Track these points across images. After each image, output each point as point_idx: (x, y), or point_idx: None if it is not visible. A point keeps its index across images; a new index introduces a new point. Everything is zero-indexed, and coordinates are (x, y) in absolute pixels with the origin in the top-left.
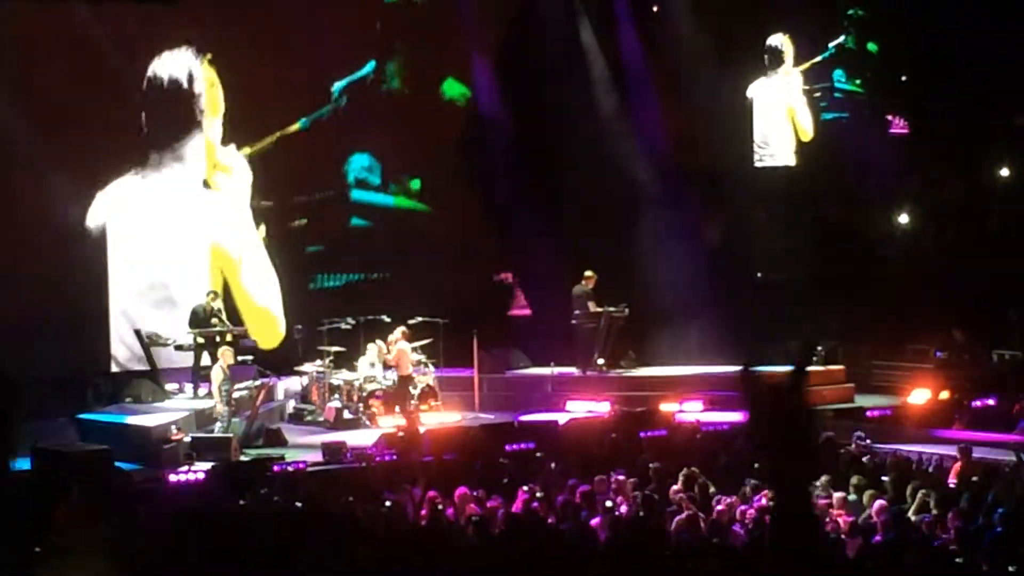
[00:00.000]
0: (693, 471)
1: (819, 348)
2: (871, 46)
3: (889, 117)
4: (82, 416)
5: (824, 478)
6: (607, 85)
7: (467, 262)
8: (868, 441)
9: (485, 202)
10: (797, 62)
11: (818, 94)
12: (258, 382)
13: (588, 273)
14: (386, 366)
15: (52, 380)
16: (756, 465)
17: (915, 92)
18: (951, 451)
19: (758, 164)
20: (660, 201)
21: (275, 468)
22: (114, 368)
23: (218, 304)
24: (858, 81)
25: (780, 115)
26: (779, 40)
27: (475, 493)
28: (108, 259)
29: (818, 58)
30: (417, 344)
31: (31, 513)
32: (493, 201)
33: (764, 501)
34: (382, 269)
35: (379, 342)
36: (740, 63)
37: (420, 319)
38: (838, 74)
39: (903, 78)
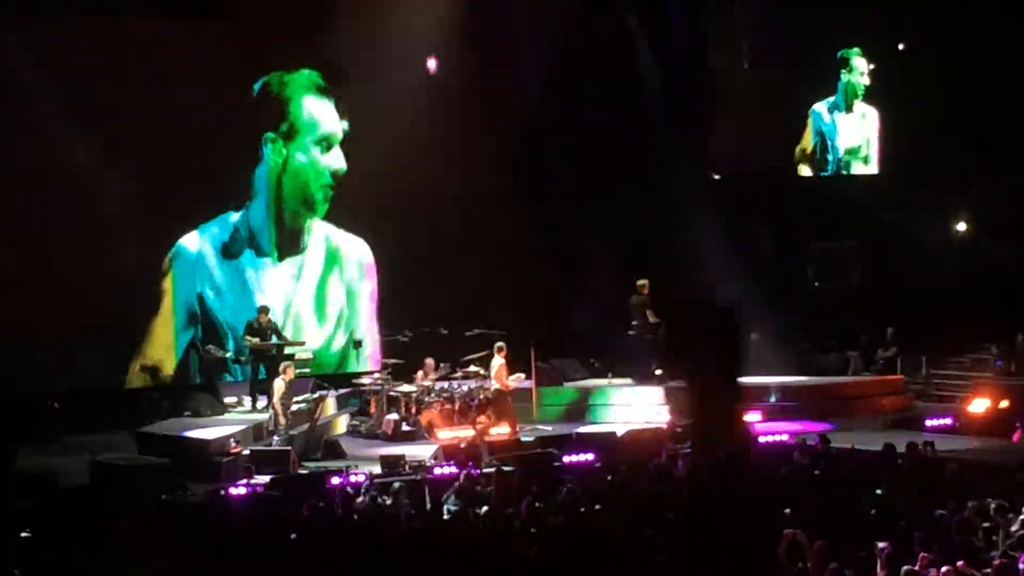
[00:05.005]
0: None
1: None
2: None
3: None
4: (141, 430)
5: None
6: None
7: (521, 274)
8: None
9: (539, 213)
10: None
11: None
12: (316, 395)
13: (641, 282)
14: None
15: (111, 392)
16: None
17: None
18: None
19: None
20: (715, 210)
21: (334, 480)
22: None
23: (272, 318)
24: None
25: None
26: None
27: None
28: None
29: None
30: (473, 356)
31: (89, 526)
32: (547, 212)
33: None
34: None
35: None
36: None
37: (477, 331)
38: None
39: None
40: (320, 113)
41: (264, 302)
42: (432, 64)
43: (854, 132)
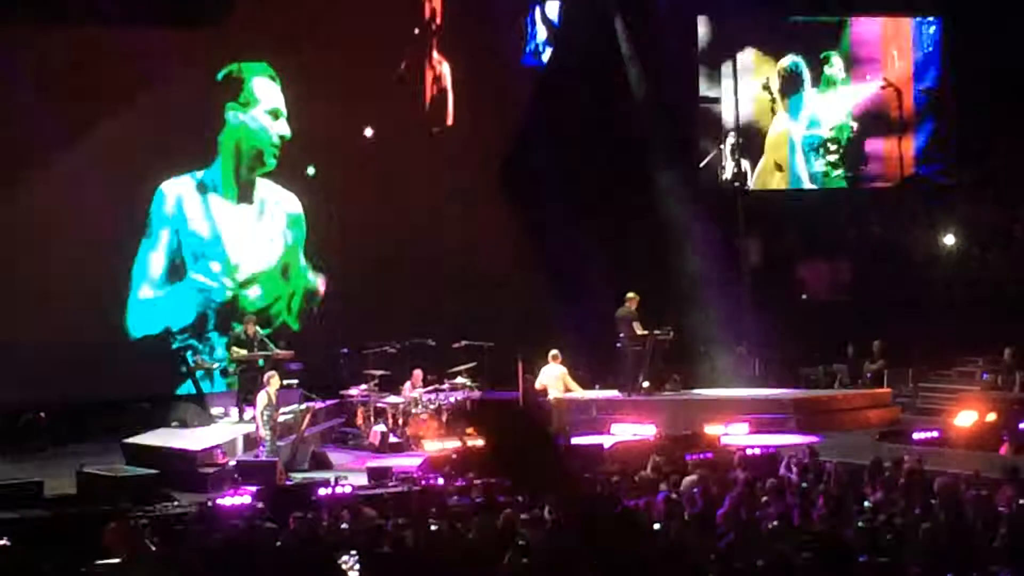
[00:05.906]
0: None
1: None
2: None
3: None
4: (128, 440)
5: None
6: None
7: (511, 285)
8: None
9: (528, 225)
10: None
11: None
12: (303, 406)
13: (630, 295)
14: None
15: (98, 403)
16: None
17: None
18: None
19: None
20: (703, 222)
21: (320, 492)
22: None
23: (259, 327)
24: None
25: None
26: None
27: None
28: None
29: None
30: (461, 368)
31: (76, 537)
32: (536, 224)
33: None
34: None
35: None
36: None
37: (465, 343)
38: None
39: None
40: (268, 91)
41: (222, 237)
42: (368, 132)
43: (829, 109)
